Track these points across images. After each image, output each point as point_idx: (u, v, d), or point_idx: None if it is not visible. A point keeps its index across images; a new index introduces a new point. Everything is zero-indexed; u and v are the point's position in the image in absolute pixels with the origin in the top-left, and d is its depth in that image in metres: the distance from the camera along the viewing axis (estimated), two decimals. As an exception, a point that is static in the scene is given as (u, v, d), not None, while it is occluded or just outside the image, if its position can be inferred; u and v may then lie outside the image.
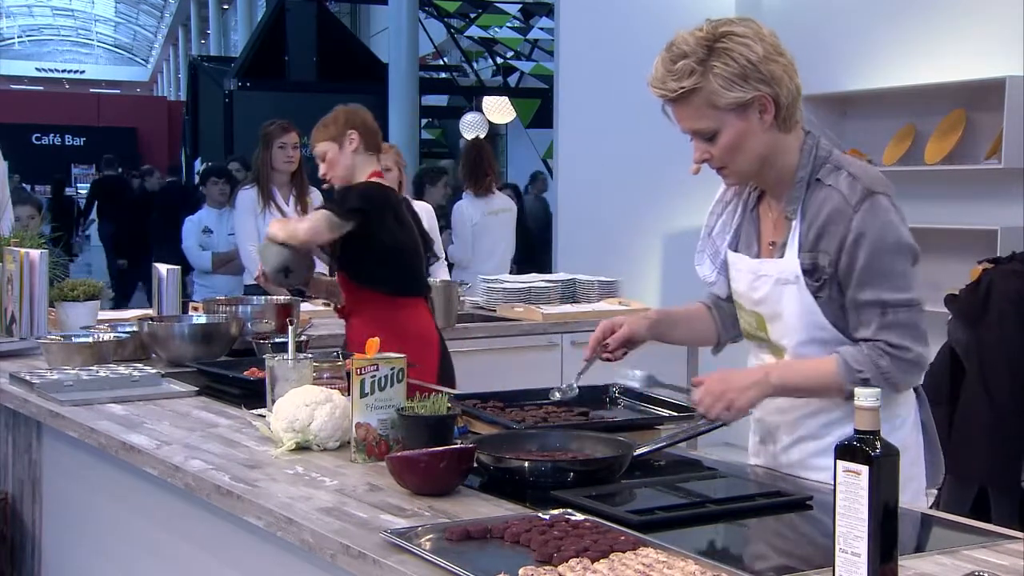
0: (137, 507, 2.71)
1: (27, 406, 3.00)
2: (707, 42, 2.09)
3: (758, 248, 2.30)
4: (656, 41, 2.24)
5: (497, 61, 16.32)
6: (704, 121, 2.13)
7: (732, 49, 2.08)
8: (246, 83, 13.22)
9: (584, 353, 2.44)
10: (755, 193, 2.34)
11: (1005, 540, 1.81)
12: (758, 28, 2.14)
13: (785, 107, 2.14)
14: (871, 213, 2.10)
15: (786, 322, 2.21)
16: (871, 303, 2.11)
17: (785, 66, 2.13)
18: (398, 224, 3.70)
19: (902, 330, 2.10)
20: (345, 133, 3.71)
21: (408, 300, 3.79)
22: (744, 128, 2.13)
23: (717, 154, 2.17)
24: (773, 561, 1.84)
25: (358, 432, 2.23)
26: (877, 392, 1.50)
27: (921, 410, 2.31)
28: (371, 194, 3.62)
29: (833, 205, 2.13)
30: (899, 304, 2.11)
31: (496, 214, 6.68)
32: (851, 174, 2.15)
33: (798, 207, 2.19)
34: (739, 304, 2.36)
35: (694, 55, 2.09)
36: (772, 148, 2.17)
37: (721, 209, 2.40)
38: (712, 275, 2.41)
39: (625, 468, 2.13)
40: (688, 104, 2.13)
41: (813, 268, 2.16)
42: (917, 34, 5.78)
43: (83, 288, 3.95)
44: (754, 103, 2.11)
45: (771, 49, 2.11)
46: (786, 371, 2.21)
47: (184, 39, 37.81)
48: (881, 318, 2.11)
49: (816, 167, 2.19)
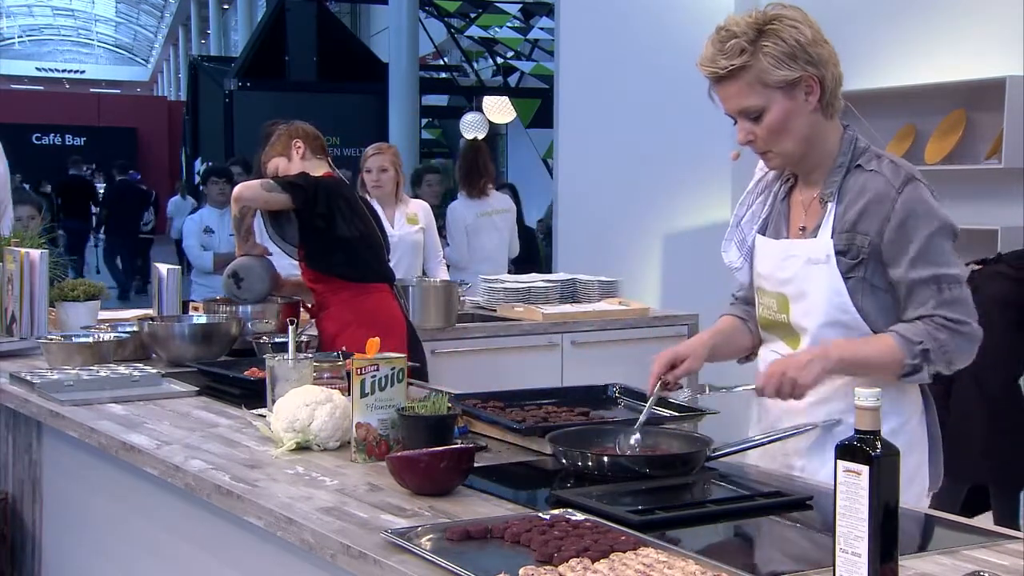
0: (137, 507, 2.71)
1: (27, 406, 3.00)
2: (758, 24, 2.16)
3: (787, 233, 2.34)
4: (656, 41, 2.26)
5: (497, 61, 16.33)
6: (752, 99, 2.18)
7: (782, 30, 2.15)
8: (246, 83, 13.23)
9: (649, 386, 2.33)
10: (786, 185, 2.37)
11: (1005, 540, 1.81)
12: (806, 14, 2.21)
13: (830, 91, 2.21)
14: (916, 195, 2.16)
15: (811, 302, 2.24)
16: (927, 280, 2.15)
17: (830, 52, 2.21)
18: (353, 214, 3.78)
19: (958, 305, 2.16)
20: (290, 144, 3.89)
21: (372, 287, 3.85)
22: (791, 107, 2.18)
23: (762, 134, 2.21)
24: (773, 561, 1.84)
25: (358, 432, 2.23)
26: (877, 392, 1.51)
27: (927, 413, 2.32)
28: (311, 179, 3.72)
29: (876, 187, 2.18)
30: (952, 280, 2.16)
31: (491, 215, 6.68)
32: (893, 161, 2.22)
33: (835, 191, 2.23)
34: (760, 289, 2.37)
35: (744, 36, 2.15)
36: (815, 131, 2.23)
37: (752, 200, 2.43)
38: (738, 261, 2.43)
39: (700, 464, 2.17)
40: (737, 81, 2.17)
41: (847, 249, 2.19)
42: (917, 34, 5.77)
43: (83, 288, 3.95)
44: (801, 83, 2.17)
45: (818, 34, 2.19)
46: (847, 346, 2.20)
47: (184, 39, 37.83)
48: (939, 295, 2.15)
49: (856, 155, 2.24)
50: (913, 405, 2.28)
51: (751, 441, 2.32)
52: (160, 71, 45.59)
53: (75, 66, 45.68)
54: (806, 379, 2.16)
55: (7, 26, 44.29)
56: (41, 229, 4.31)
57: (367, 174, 5.52)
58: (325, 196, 3.69)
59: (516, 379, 4.15)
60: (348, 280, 3.80)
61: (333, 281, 3.79)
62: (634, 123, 6.28)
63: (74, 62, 46.54)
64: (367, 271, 3.85)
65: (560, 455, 2.19)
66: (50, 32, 46.79)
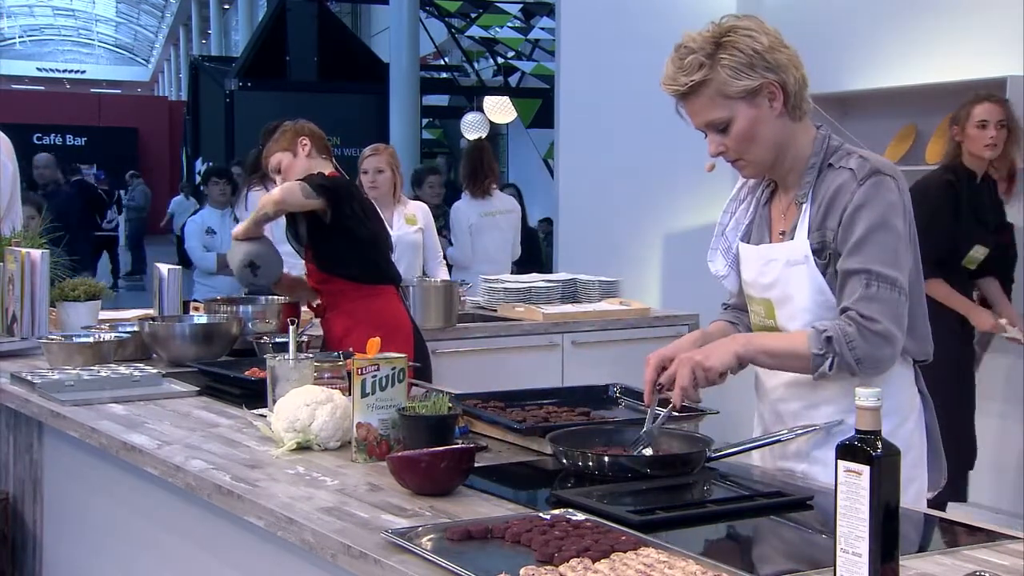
0: (138, 507, 2.71)
1: (28, 406, 3.00)
2: (714, 37, 2.17)
3: (769, 239, 2.34)
4: (657, 41, 2.27)
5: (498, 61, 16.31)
6: (716, 111, 2.19)
7: (738, 41, 2.15)
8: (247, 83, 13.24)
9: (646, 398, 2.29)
10: (767, 190, 2.37)
11: (1006, 540, 1.81)
12: (761, 23, 2.21)
13: (793, 95, 2.20)
14: (874, 188, 2.14)
15: (796, 304, 2.24)
16: (857, 272, 2.13)
17: (790, 56, 2.20)
18: (366, 215, 3.76)
19: (879, 305, 2.11)
20: (297, 140, 3.84)
21: (379, 288, 3.82)
22: (756, 115, 2.18)
23: (732, 145, 2.22)
24: (774, 561, 1.84)
25: (359, 432, 2.23)
26: (878, 392, 1.51)
27: (926, 412, 2.32)
28: (336, 180, 3.70)
29: (840, 181, 2.18)
30: (883, 279, 2.12)
31: (494, 215, 6.69)
32: (862, 156, 2.20)
33: (809, 191, 2.23)
34: (749, 296, 2.38)
35: (702, 50, 2.16)
36: (785, 136, 2.23)
37: (735, 207, 2.44)
38: (724, 269, 2.44)
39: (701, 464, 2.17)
40: (700, 96, 2.18)
41: (822, 247, 2.20)
42: (918, 34, 5.77)
43: (84, 288, 3.95)
44: (763, 90, 2.17)
45: (775, 40, 2.19)
46: (756, 335, 2.25)
47: (185, 39, 37.85)
48: (864, 289, 2.12)
49: (828, 154, 2.24)
50: (910, 405, 2.28)
51: (752, 442, 2.32)
52: (161, 71, 45.62)
53: (76, 66, 45.70)
54: (712, 362, 2.16)
55: (8, 26, 44.31)
56: (42, 229, 4.31)
57: (364, 175, 5.51)
58: (349, 197, 3.67)
59: (517, 379, 4.15)
60: (359, 282, 3.77)
61: (342, 282, 3.76)
62: (635, 123, 6.28)
63: (75, 62, 46.57)
64: (378, 273, 3.83)
65: (561, 455, 2.19)
66: (51, 32, 46.81)
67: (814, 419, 2.26)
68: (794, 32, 2.36)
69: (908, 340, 2.19)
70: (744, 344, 2.20)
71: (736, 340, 2.23)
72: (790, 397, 2.30)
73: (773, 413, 2.36)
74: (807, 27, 6.03)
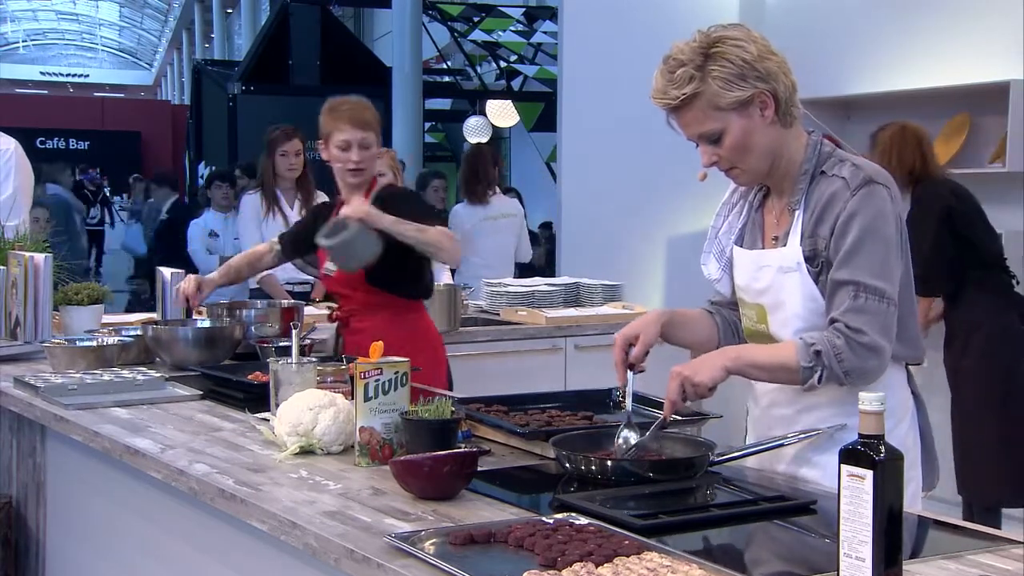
0: (141, 511, 2.71)
1: (31, 410, 3.01)
2: (702, 49, 2.16)
3: (762, 244, 2.34)
4: (659, 45, 2.26)
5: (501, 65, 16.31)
6: (708, 124, 2.18)
7: (727, 52, 2.15)
8: (250, 87, 13.23)
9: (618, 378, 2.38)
10: (760, 194, 2.37)
11: (1009, 545, 1.81)
12: (748, 31, 2.21)
13: (784, 101, 2.20)
14: (867, 197, 2.14)
15: (788, 311, 2.24)
16: (845, 283, 2.13)
17: (779, 63, 2.19)
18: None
19: (867, 316, 2.11)
20: (379, 131, 3.63)
21: (416, 304, 3.75)
22: (748, 125, 2.18)
23: (725, 155, 2.22)
24: (777, 566, 1.84)
25: (362, 436, 2.23)
26: (882, 396, 1.51)
27: (919, 414, 2.33)
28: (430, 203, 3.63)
29: (833, 190, 2.18)
30: (872, 291, 2.12)
31: (495, 219, 6.68)
32: (855, 164, 2.20)
33: (801, 198, 2.23)
34: (742, 300, 2.38)
35: (691, 63, 2.15)
36: (777, 144, 2.23)
37: (727, 211, 2.44)
38: (717, 272, 2.44)
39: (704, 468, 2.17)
40: (691, 109, 2.18)
41: (813, 255, 2.20)
42: (921, 38, 5.78)
43: (87, 292, 3.95)
44: (754, 100, 2.17)
45: (764, 48, 2.18)
46: (745, 347, 2.26)
47: (188, 43, 37.87)
48: (852, 300, 2.12)
49: (821, 161, 2.24)
50: (903, 407, 2.28)
51: (755, 446, 2.32)
52: (164, 75, 45.63)
53: (79, 70, 45.75)
54: (701, 377, 2.17)
55: (11, 30, 44.35)
56: (48, 232, 4.31)
57: None
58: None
59: (519, 383, 4.15)
60: (408, 297, 3.67)
61: (388, 296, 3.62)
62: (637, 127, 6.25)
63: (78, 66, 46.62)
64: (425, 289, 3.75)
65: (563, 459, 2.19)
66: (54, 36, 46.86)
67: (805, 424, 2.26)
68: (796, 36, 2.37)
69: (898, 345, 2.19)
70: (733, 359, 2.20)
71: (725, 354, 2.22)
72: (782, 402, 2.30)
73: (765, 417, 2.36)
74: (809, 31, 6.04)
